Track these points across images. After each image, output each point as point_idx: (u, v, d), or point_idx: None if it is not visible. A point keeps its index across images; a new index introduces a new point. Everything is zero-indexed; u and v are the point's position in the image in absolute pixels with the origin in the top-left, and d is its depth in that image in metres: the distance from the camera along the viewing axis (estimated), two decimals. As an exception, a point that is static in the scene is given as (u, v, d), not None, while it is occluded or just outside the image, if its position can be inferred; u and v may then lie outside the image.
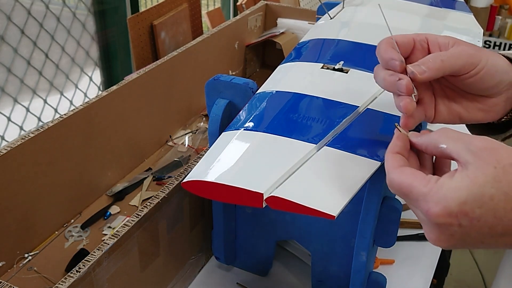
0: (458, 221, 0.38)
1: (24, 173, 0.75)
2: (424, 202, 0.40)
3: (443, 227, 0.39)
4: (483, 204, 0.37)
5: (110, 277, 0.59)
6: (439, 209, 0.38)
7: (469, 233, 0.39)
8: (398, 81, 0.46)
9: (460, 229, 0.39)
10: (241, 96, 0.65)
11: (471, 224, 0.38)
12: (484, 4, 2.97)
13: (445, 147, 0.41)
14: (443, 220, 0.39)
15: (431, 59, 0.47)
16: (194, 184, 0.52)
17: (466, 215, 0.38)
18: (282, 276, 0.80)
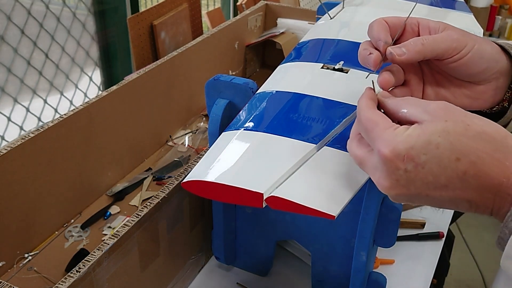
0: (404, 165, 0.40)
1: (24, 173, 0.75)
2: (378, 141, 0.41)
3: (390, 170, 0.40)
4: (429, 151, 0.39)
5: (110, 277, 0.59)
6: (388, 150, 0.40)
7: (414, 180, 0.40)
8: (368, 55, 0.49)
9: (405, 174, 0.40)
10: (241, 96, 0.65)
11: (416, 170, 0.39)
12: (484, 4, 2.97)
13: (405, 111, 0.43)
14: (390, 162, 0.40)
15: (412, 42, 0.48)
16: (194, 184, 0.52)
17: (412, 159, 0.39)
18: (282, 276, 0.80)
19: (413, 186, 0.40)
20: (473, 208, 0.41)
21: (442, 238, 0.89)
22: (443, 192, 0.40)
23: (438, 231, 0.90)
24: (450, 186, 0.39)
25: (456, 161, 0.39)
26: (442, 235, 0.90)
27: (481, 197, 0.40)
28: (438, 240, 0.89)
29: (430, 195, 0.41)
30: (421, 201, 0.42)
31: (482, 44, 0.49)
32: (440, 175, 0.39)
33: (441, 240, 0.89)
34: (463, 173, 0.39)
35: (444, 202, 0.41)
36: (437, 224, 0.92)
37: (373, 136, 0.42)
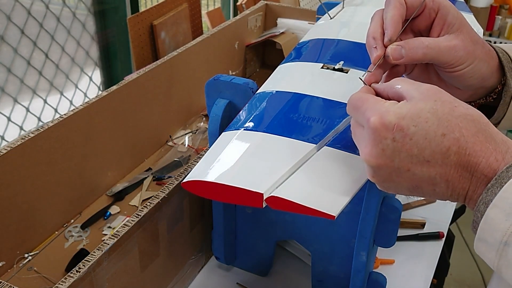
0: (393, 134, 0.41)
1: (24, 173, 0.75)
2: (368, 111, 0.43)
3: (377, 139, 0.42)
4: (418, 124, 0.41)
5: (110, 277, 0.59)
6: (378, 118, 0.42)
7: (400, 151, 0.41)
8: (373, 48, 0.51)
9: (392, 143, 0.41)
10: (241, 96, 0.65)
11: (404, 140, 0.41)
12: (484, 4, 2.97)
13: (399, 87, 0.45)
14: (379, 130, 0.42)
15: (415, 47, 0.50)
16: (194, 184, 0.52)
17: (401, 130, 0.41)
18: (282, 276, 0.80)
19: (398, 157, 0.42)
20: (450, 189, 0.42)
21: (442, 238, 0.89)
22: (425, 167, 0.41)
23: (438, 231, 0.90)
24: (432, 161, 0.41)
25: (441, 136, 0.40)
26: (442, 235, 0.90)
27: (459, 176, 0.41)
28: (438, 240, 0.89)
29: (411, 170, 0.42)
30: (400, 178, 0.43)
31: (479, 64, 0.52)
32: (425, 149, 0.41)
33: (441, 240, 0.89)
34: (447, 148, 0.40)
35: (423, 180, 0.42)
36: (437, 224, 0.92)
37: (363, 110, 0.44)
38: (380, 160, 0.42)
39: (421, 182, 0.42)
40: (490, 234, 0.40)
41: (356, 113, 0.45)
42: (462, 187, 0.42)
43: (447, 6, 0.52)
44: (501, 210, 0.39)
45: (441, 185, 0.42)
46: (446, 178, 0.41)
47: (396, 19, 0.50)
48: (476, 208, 0.41)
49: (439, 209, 0.96)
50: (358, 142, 0.46)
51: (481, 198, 0.40)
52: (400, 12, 0.51)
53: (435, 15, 0.52)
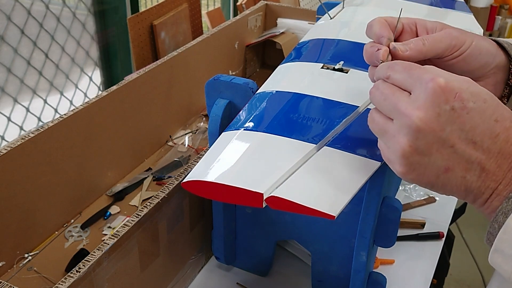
0: (453, 102, 0.40)
1: (24, 173, 0.75)
2: (429, 73, 0.41)
3: (436, 102, 0.40)
4: (477, 101, 0.40)
5: (110, 277, 0.59)
6: (443, 80, 0.40)
7: (453, 122, 0.40)
8: (377, 51, 0.49)
9: (450, 112, 0.40)
10: (241, 96, 0.65)
11: (461, 112, 0.40)
12: (484, 4, 2.98)
13: None
14: (441, 93, 0.40)
15: (413, 41, 0.49)
16: (194, 184, 0.52)
17: (461, 100, 0.40)
18: (282, 276, 0.80)
19: (449, 127, 0.40)
20: (480, 180, 0.41)
21: (442, 238, 0.89)
22: (469, 148, 0.40)
23: (438, 231, 0.90)
24: (478, 143, 0.40)
25: (495, 122, 0.40)
26: (442, 235, 0.90)
27: (497, 167, 0.40)
28: (438, 240, 0.89)
29: (455, 146, 0.40)
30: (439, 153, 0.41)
31: (479, 40, 0.50)
32: (476, 127, 0.40)
33: (441, 240, 0.89)
34: (496, 134, 0.40)
35: (461, 162, 0.41)
36: (437, 224, 0.92)
37: (421, 72, 0.42)
38: (431, 124, 0.40)
39: (457, 165, 0.41)
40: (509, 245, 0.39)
41: (405, 74, 0.43)
42: (494, 179, 0.40)
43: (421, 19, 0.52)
44: None
45: (475, 173, 0.41)
46: (483, 166, 0.40)
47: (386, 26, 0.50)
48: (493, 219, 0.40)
49: (439, 209, 0.96)
50: (397, 102, 0.42)
51: (501, 208, 0.39)
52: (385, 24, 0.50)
53: (415, 28, 0.52)
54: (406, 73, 0.43)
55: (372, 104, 0.59)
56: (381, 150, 0.46)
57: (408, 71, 0.43)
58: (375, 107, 0.46)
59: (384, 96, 0.44)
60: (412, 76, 0.42)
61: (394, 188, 0.82)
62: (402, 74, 0.43)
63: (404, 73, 0.43)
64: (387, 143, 0.44)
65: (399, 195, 0.97)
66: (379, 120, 0.45)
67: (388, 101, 0.43)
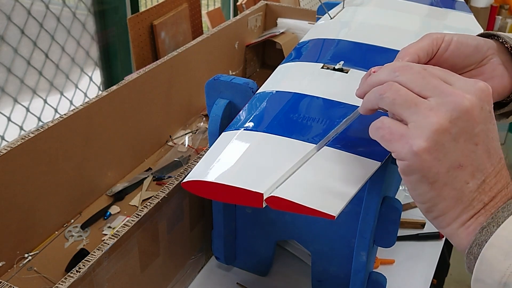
0: (491, 107, 0.42)
1: (24, 173, 0.75)
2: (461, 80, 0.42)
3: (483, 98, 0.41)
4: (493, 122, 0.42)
5: (110, 277, 0.59)
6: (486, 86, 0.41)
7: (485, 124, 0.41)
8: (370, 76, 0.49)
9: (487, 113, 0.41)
10: (241, 96, 0.65)
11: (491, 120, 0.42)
12: (484, 4, 2.97)
13: None
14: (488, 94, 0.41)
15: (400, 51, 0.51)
16: (194, 184, 0.52)
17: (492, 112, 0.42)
18: (282, 276, 0.80)
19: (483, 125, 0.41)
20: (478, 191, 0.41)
21: (442, 238, 0.89)
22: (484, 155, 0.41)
23: (438, 231, 0.90)
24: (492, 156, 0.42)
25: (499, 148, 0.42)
26: (442, 235, 0.90)
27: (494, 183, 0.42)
28: (438, 240, 0.89)
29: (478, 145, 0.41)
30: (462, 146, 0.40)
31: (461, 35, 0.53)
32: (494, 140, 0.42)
33: (441, 240, 0.89)
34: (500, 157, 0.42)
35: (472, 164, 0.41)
36: (437, 224, 0.92)
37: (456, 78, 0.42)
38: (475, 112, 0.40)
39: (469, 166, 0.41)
40: (488, 275, 0.39)
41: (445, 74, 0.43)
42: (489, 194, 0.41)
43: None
44: (499, 250, 0.38)
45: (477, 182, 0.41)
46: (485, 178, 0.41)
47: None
48: (468, 251, 0.40)
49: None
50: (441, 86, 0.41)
51: (475, 239, 0.40)
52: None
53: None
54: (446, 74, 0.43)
55: None
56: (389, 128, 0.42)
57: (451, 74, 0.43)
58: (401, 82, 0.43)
59: (422, 75, 0.42)
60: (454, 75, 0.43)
61: (394, 188, 0.82)
62: (441, 71, 0.43)
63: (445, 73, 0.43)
64: (412, 116, 0.40)
65: (399, 195, 0.97)
66: (406, 92, 0.41)
67: (428, 80, 0.41)
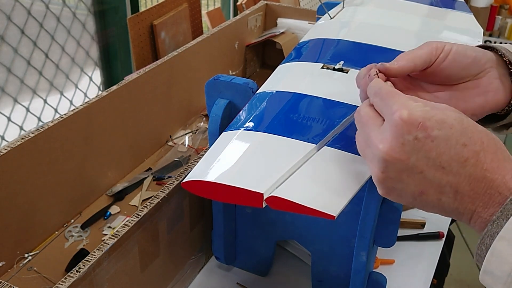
0: (416, 132, 0.41)
1: (24, 173, 0.75)
2: (397, 105, 0.43)
3: (400, 133, 0.41)
4: (442, 128, 0.41)
5: (110, 277, 0.59)
6: (407, 113, 0.41)
7: (418, 151, 0.41)
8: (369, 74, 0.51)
9: (413, 141, 0.41)
10: (241, 96, 0.65)
11: (425, 141, 0.41)
12: (484, 4, 2.97)
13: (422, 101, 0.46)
14: (404, 125, 0.41)
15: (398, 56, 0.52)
16: (194, 184, 0.52)
17: (425, 130, 0.41)
18: (282, 276, 0.80)
19: (415, 156, 0.41)
20: (457, 202, 0.41)
21: (442, 238, 0.89)
22: (438, 173, 0.41)
23: (438, 231, 0.90)
24: (447, 168, 0.41)
25: (462, 146, 0.41)
26: (442, 235, 0.90)
27: (470, 190, 0.41)
28: (438, 240, 0.89)
29: (424, 172, 0.42)
30: (410, 179, 0.42)
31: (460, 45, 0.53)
32: (443, 154, 0.41)
33: (441, 240, 0.89)
34: (465, 159, 0.40)
35: (432, 186, 0.42)
36: (437, 224, 0.92)
37: (392, 102, 0.43)
38: (397, 154, 0.42)
39: (429, 188, 0.42)
40: (497, 266, 0.39)
41: (381, 103, 0.45)
42: (471, 201, 0.41)
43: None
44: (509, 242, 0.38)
45: (449, 195, 0.41)
46: (456, 189, 0.41)
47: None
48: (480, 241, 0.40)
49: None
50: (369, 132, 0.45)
51: (486, 230, 0.40)
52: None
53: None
54: (383, 101, 0.45)
55: None
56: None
57: (385, 100, 0.45)
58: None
59: (361, 124, 0.47)
60: (386, 105, 0.44)
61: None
62: (380, 102, 0.45)
63: (382, 101, 0.45)
64: (368, 167, 0.46)
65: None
66: (359, 145, 0.48)
67: (364, 129, 0.46)
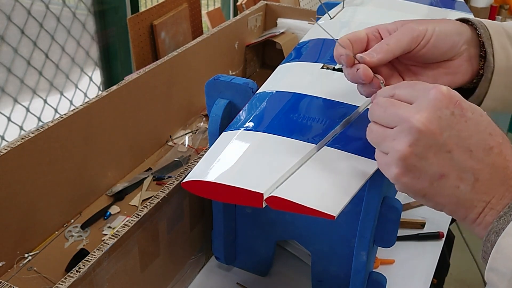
0: (454, 108, 0.42)
1: (24, 173, 0.75)
2: (428, 85, 0.43)
3: (438, 106, 0.42)
4: (475, 113, 0.42)
5: (110, 277, 0.59)
6: (445, 89, 0.42)
7: (452, 128, 0.42)
8: (357, 71, 0.50)
9: (450, 116, 0.42)
10: (241, 96, 0.65)
11: (460, 119, 0.42)
12: (484, 4, 2.97)
13: None
14: (443, 99, 0.42)
15: (377, 46, 0.51)
16: (194, 184, 0.52)
17: (461, 108, 0.42)
18: (282, 276, 0.80)
19: (448, 132, 0.42)
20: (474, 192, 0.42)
21: (442, 238, 0.89)
22: (465, 155, 0.42)
23: (438, 231, 0.90)
24: (474, 152, 0.42)
25: (489, 135, 0.42)
26: (442, 235, 0.90)
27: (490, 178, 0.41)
28: (438, 240, 0.89)
29: (452, 152, 0.42)
30: (436, 158, 0.42)
31: (441, 24, 0.53)
32: (472, 137, 0.42)
33: (441, 240, 0.89)
34: (490, 147, 0.42)
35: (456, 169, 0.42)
36: (437, 224, 0.92)
37: (424, 84, 0.44)
38: (432, 126, 0.41)
39: (452, 171, 0.42)
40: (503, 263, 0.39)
41: (410, 88, 0.45)
42: (487, 192, 0.41)
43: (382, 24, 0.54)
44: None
45: (467, 183, 0.42)
46: (477, 177, 0.41)
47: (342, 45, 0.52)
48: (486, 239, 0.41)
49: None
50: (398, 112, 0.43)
51: (492, 227, 0.40)
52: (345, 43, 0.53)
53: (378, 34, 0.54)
54: (411, 88, 0.45)
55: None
56: (378, 160, 0.46)
57: (412, 86, 0.45)
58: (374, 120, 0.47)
59: (384, 108, 0.45)
60: (416, 89, 0.44)
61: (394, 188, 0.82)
62: (407, 89, 0.45)
63: (409, 88, 0.45)
64: (385, 148, 0.45)
65: (399, 195, 0.97)
66: (378, 129, 0.46)
67: (388, 111, 0.45)
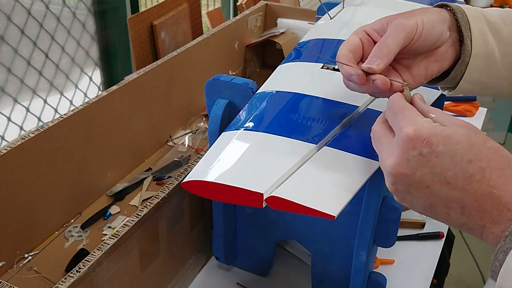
0: (421, 148, 0.42)
1: (24, 173, 0.75)
2: (405, 121, 0.44)
3: (405, 149, 0.42)
4: (448, 144, 0.41)
5: (110, 277, 0.59)
6: (412, 130, 0.42)
7: (423, 166, 0.42)
8: (373, 83, 0.51)
9: (418, 157, 0.42)
10: (241, 96, 0.65)
11: (430, 156, 0.41)
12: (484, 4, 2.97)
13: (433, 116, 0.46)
14: (410, 141, 0.42)
15: (378, 50, 0.51)
16: (194, 184, 0.52)
17: (430, 145, 0.41)
18: (282, 276, 0.80)
19: (420, 171, 0.42)
20: (465, 217, 0.41)
21: (442, 238, 0.89)
22: (444, 188, 0.41)
23: (438, 231, 0.90)
24: (452, 183, 0.41)
25: (468, 162, 0.40)
26: (442, 235, 0.90)
27: (477, 206, 0.40)
28: (438, 240, 0.89)
29: (430, 187, 0.42)
30: (418, 192, 0.43)
31: (427, 14, 0.53)
32: (448, 170, 0.41)
33: (441, 240, 0.89)
34: (470, 175, 0.40)
35: (440, 201, 0.42)
36: (437, 224, 0.92)
37: (401, 118, 0.45)
38: (402, 169, 0.43)
39: (437, 202, 0.42)
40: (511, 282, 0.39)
41: (393, 118, 0.46)
42: (479, 217, 0.41)
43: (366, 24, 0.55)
44: None
45: (456, 210, 0.42)
46: (462, 204, 0.41)
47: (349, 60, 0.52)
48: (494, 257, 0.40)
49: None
50: (381, 148, 0.46)
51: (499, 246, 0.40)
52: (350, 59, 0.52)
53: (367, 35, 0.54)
54: (394, 116, 0.46)
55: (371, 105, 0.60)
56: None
57: (396, 115, 0.46)
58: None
59: (374, 141, 0.48)
60: (396, 121, 0.45)
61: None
62: (392, 117, 0.46)
63: (393, 117, 0.46)
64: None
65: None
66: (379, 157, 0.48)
67: (376, 145, 0.48)
